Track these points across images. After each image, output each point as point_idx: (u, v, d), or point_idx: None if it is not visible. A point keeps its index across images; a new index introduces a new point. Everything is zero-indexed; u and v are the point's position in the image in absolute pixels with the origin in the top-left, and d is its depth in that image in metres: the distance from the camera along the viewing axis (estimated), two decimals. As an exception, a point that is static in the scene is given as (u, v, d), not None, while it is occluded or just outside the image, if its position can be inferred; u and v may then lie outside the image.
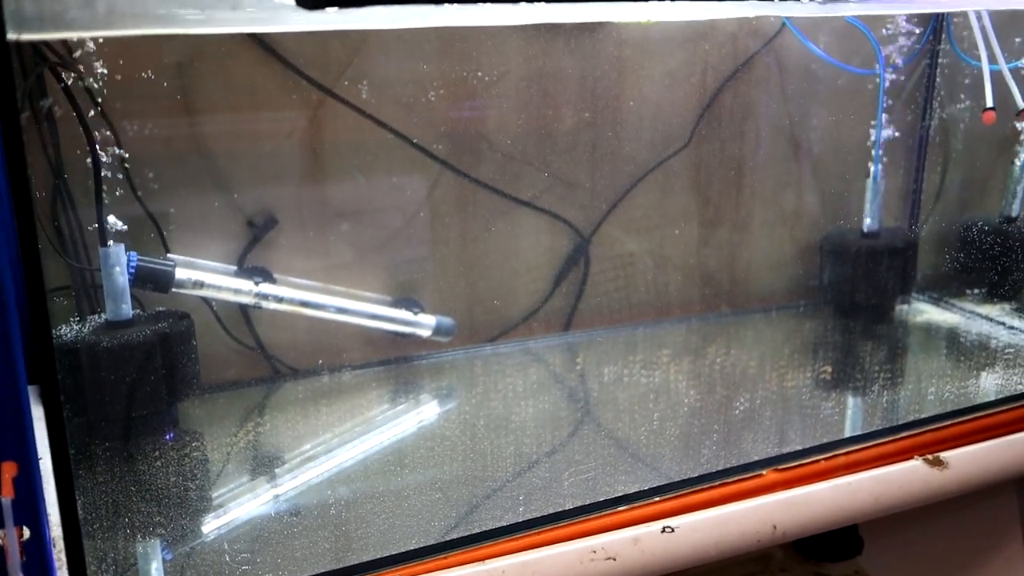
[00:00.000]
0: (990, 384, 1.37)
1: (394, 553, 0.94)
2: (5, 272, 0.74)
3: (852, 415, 1.30)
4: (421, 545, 0.96)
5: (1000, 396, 1.30)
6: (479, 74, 1.38)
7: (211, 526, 1.02)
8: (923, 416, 1.25)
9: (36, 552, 0.79)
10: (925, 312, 1.66)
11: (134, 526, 1.01)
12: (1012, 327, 1.57)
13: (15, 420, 0.77)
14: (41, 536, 0.80)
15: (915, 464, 1.17)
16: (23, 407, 0.77)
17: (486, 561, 0.95)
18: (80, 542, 0.80)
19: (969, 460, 1.20)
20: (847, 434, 1.22)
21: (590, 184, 1.49)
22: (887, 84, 1.54)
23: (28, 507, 0.78)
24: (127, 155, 1.21)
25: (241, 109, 1.28)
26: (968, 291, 1.69)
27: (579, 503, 1.03)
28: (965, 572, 1.49)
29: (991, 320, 1.61)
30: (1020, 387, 1.33)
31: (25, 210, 0.73)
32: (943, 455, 1.19)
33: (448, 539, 0.97)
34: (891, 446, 1.20)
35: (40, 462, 0.79)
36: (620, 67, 1.46)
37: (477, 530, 0.99)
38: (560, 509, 1.02)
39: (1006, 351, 1.48)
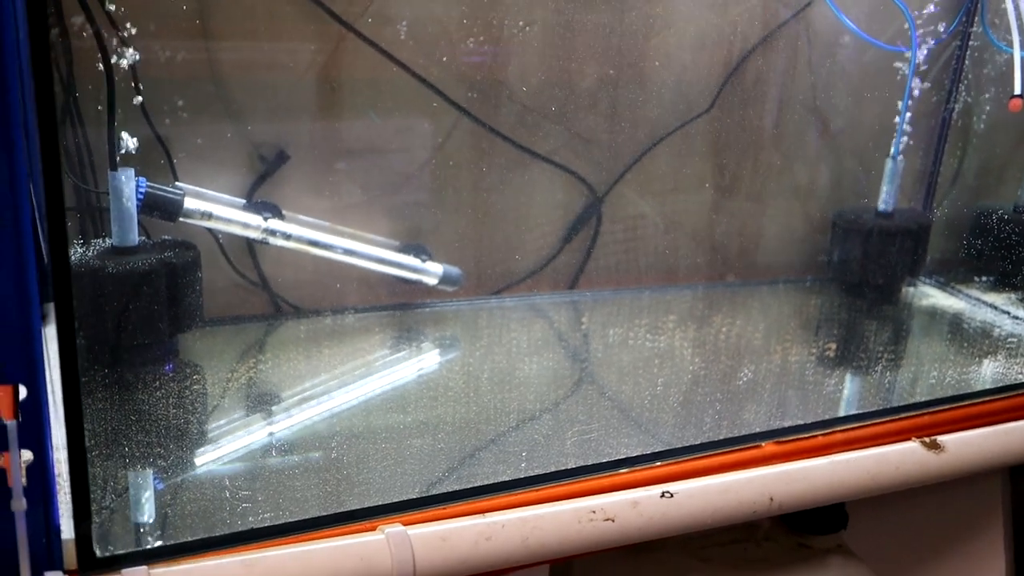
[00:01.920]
0: (989, 372, 1.37)
1: (396, 501, 0.94)
2: (23, 187, 0.72)
3: (852, 393, 1.31)
4: (421, 494, 0.96)
5: (999, 384, 1.31)
6: (506, 22, 1.35)
7: (210, 459, 1.02)
8: (922, 399, 1.25)
9: (39, 476, 0.78)
10: (931, 296, 1.66)
11: (130, 454, 1.00)
12: (1017, 317, 1.57)
13: (25, 343, 0.75)
14: (45, 461, 0.79)
15: (912, 446, 1.18)
16: (34, 330, 0.75)
17: (486, 514, 0.95)
18: (85, 471, 0.79)
19: (965, 445, 1.20)
20: (846, 412, 1.23)
21: (608, 142, 1.47)
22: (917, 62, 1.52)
23: (33, 431, 0.77)
24: (139, 80, 1.18)
25: (259, 39, 1.25)
26: (976, 278, 1.69)
27: (580, 463, 1.03)
28: (946, 553, 1.50)
29: (996, 309, 1.61)
30: (1019, 376, 1.33)
31: (48, 125, 0.70)
32: (940, 439, 1.19)
33: (450, 490, 0.97)
34: (889, 426, 1.21)
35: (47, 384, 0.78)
36: (648, 26, 1.43)
37: (477, 482, 0.98)
38: (561, 468, 1.02)
39: (1008, 340, 1.48)
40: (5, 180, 0.70)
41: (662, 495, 1.02)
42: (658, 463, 1.06)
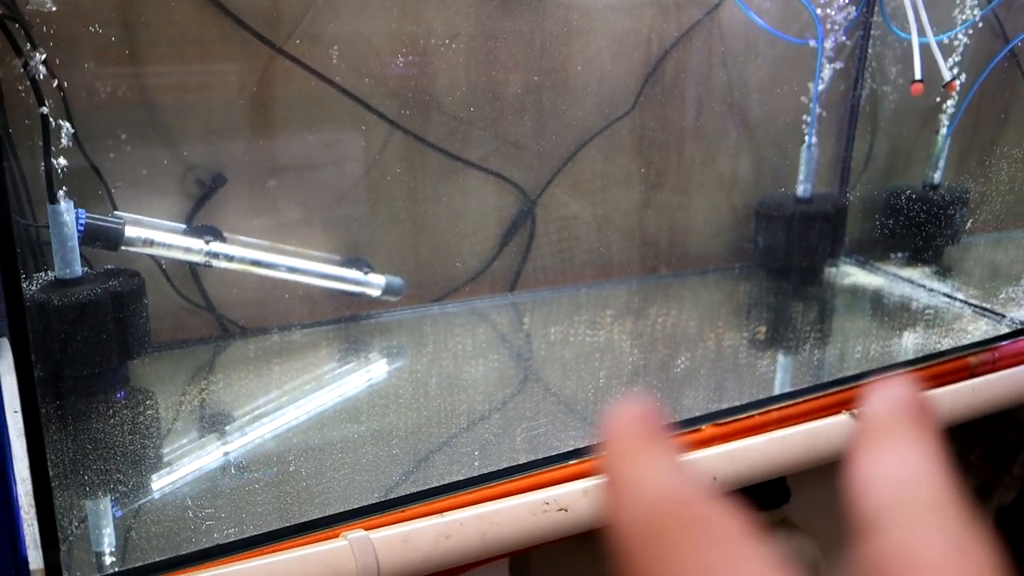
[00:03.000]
0: (910, 343, 1.45)
1: (357, 507, 0.97)
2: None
3: (784, 372, 1.37)
4: (381, 499, 0.99)
5: (920, 354, 1.38)
6: (432, 38, 1.39)
7: (170, 481, 1.04)
8: (849, 374, 1.32)
9: (4, 508, 0.80)
10: (852, 275, 1.74)
11: (90, 483, 1.01)
12: (932, 289, 1.66)
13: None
14: (8, 493, 0.80)
15: (842, 419, 1.24)
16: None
17: (444, 514, 0.98)
18: (51, 500, 0.81)
19: (892, 414, 1.27)
20: (779, 390, 1.29)
21: (537, 147, 1.52)
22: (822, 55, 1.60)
23: (-4, 465, 0.79)
24: (71, 111, 1.19)
25: (190, 64, 1.27)
26: (892, 255, 1.78)
27: (531, 458, 1.07)
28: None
29: (912, 283, 1.70)
30: (937, 346, 1.41)
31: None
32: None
33: (408, 493, 1.00)
34: (820, 402, 1.27)
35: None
36: (568, 32, 1.48)
37: (433, 483, 1.02)
38: (513, 464, 1.06)
39: (925, 312, 1.56)
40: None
41: (611, 482, 1.07)
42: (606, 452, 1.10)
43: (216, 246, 1.30)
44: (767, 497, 1.57)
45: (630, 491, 0.32)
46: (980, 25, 1.65)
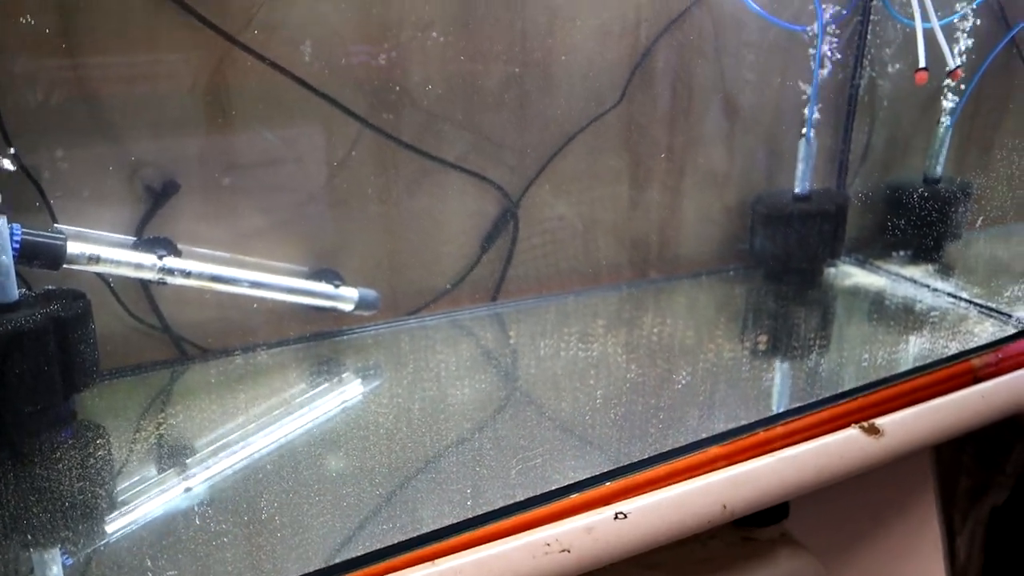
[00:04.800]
0: (917, 347, 1.38)
1: (339, 562, 0.86)
2: None
3: (786, 384, 1.29)
4: (366, 550, 0.88)
5: (927, 359, 1.31)
6: (402, 24, 1.27)
7: (125, 534, 0.91)
8: (855, 383, 1.24)
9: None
10: (853, 275, 1.66)
11: (33, 538, 0.89)
12: (936, 289, 1.58)
13: None
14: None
15: (852, 433, 1.17)
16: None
17: (436, 562, 0.88)
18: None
19: (901, 426, 1.20)
20: (783, 404, 1.21)
21: (518, 144, 1.41)
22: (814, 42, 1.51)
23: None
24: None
25: (136, 57, 1.14)
26: (893, 253, 1.70)
27: (528, 493, 0.97)
28: (882, 529, 1.52)
29: (916, 282, 1.62)
30: (945, 350, 1.34)
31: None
32: (877, 422, 1.19)
33: (395, 542, 0.90)
34: (826, 413, 1.19)
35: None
36: (551, 19, 1.37)
37: (424, 528, 0.91)
38: (510, 501, 0.96)
39: (931, 314, 1.49)
40: None
41: (615, 516, 0.98)
42: (608, 483, 1.01)
43: (170, 261, 1.17)
44: (766, 513, 1.49)
45: None
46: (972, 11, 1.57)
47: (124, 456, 1.05)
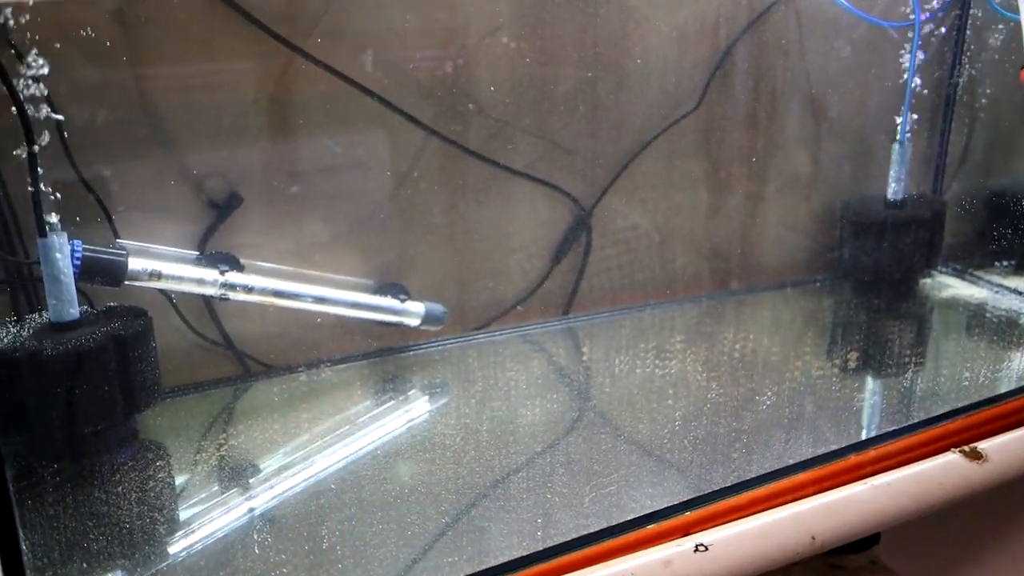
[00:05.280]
0: (1022, 365, 1.28)
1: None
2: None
3: (880, 405, 1.20)
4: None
5: (1034, 378, 1.21)
6: (468, 28, 1.23)
7: (178, 560, 0.88)
8: (955, 403, 1.15)
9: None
10: (951, 286, 1.56)
11: (91, 560, 0.86)
12: (1044, 302, 1.48)
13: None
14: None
15: (952, 458, 1.09)
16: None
17: (506, 599, 0.83)
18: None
19: (1005, 450, 1.11)
20: (876, 426, 1.13)
21: (591, 151, 1.35)
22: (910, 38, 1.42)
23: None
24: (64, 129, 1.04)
25: (199, 70, 1.12)
26: (996, 263, 1.59)
27: (603, 523, 0.91)
28: (979, 558, 1.42)
29: (1021, 294, 1.51)
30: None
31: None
32: (980, 446, 1.10)
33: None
34: (924, 436, 1.11)
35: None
36: (624, 21, 1.31)
37: (489, 559, 0.86)
38: (583, 532, 0.90)
39: (1038, 328, 1.38)
40: None
41: (696, 548, 0.91)
42: (687, 512, 0.95)
43: (233, 276, 1.14)
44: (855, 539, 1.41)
45: None
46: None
47: (183, 478, 1.02)
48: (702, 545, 0.92)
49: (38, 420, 0.98)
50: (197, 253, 1.16)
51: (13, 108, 0.94)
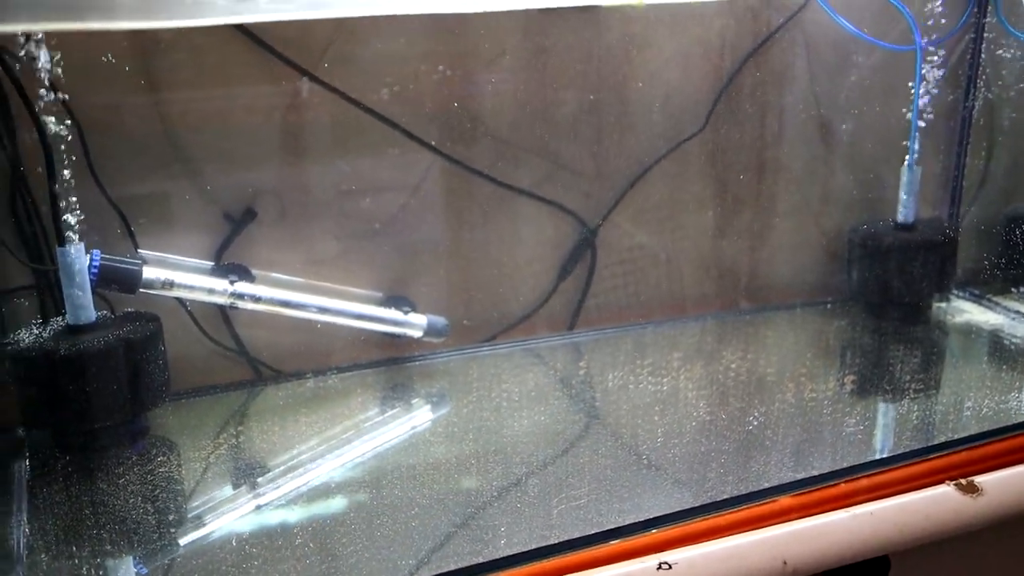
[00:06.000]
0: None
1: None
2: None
3: (877, 432, 1.19)
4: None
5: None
6: (474, 53, 1.27)
7: (186, 549, 0.94)
8: (955, 434, 1.13)
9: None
10: (966, 311, 1.53)
11: (98, 550, 0.93)
12: (1062, 330, 1.44)
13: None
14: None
15: (945, 490, 1.05)
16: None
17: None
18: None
19: (1004, 486, 1.07)
20: (870, 453, 1.11)
21: (596, 171, 1.38)
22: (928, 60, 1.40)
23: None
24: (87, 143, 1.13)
25: (214, 94, 1.19)
26: (1014, 289, 1.55)
27: (566, 536, 0.93)
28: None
29: (1039, 321, 1.47)
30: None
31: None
32: (977, 480, 1.07)
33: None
34: (917, 468, 1.08)
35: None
36: (627, 44, 1.34)
37: (454, 563, 0.89)
38: (543, 544, 0.92)
39: (1054, 357, 1.35)
40: None
41: (659, 567, 0.92)
42: (653, 530, 0.96)
43: (242, 286, 1.21)
44: (863, 569, 1.39)
45: None
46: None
47: (187, 473, 1.09)
48: (666, 563, 0.93)
49: (52, 415, 1.07)
50: (212, 264, 1.23)
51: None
